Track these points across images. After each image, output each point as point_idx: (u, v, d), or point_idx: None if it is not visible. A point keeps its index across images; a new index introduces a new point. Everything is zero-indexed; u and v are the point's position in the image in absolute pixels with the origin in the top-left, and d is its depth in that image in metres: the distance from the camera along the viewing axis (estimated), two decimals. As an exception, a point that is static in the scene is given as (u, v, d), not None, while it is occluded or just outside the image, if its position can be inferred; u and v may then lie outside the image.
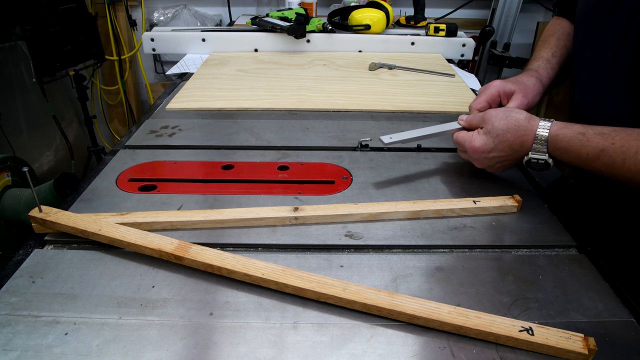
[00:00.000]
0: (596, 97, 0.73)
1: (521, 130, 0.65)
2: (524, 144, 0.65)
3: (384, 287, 0.53)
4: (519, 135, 0.65)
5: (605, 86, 0.71)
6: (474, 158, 0.71)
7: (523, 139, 0.65)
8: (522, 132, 0.65)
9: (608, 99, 0.71)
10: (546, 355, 0.45)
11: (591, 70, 0.74)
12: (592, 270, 0.57)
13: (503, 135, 0.66)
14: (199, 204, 0.67)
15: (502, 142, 0.66)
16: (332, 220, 0.64)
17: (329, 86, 1.15)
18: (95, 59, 2.07)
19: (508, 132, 0.65)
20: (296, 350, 0.45)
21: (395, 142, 0.73)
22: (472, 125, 0.72)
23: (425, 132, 0.75)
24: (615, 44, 0.68)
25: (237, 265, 0.52)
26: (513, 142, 0.65)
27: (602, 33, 0.71)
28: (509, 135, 0.65)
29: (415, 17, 1.69)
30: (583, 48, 0.76)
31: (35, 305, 0.50)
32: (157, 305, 0.50)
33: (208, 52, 1.42)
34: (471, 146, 0.69)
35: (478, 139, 0.69)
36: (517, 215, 0.67)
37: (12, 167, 1.40)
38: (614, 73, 0.69)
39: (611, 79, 0.70)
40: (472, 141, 0.69)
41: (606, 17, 0.69)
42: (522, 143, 0.65)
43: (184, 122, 0.95)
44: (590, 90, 0.74)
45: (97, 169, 0.77)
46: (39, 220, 0.59)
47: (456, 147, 0.75)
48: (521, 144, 0.65)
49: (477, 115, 0.71)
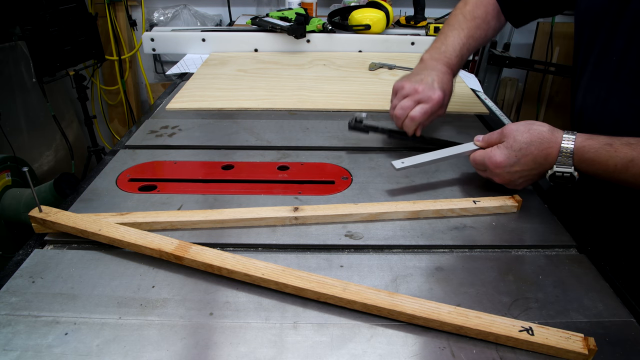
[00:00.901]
0: (600, 101, 0.72)
1: (545, 142, 0.63)
2: (549, 156, 0.63)
3: (384, 287, 0.53)
4: (544, 148, 0.62)
5: (610, 90, 0.70)
6: (495, 173, 0.68)
7: (547, 152, 0.62)
8: (546, 145, 0.62)
9: (613, 103, 0.70)
10: (546, 355, 0.45)
11: (596, 73, 0.73)
12: (592, 270, 0.57)
13: (527, 149, 0.63)
14: (199, 204, 0.67)
15: (525, 155, 0.64)
16: (332, 220, 0.64)
17: (329, 86, 1.15)
18: (95, 59, 2.07)
19: (532, 145, 0.63)
20: (296, 350, 0.45)
21: (408, 167, 0.71)
22: (491, 143, 0.69)
23: (440, 155, 0.73)
24: (622, 48, 0.67)
25: (237, 265, 0.52)
26: (537, 155, 0.63)
27: (608, 37, 0.70)
28: (532, 148, 0.63)
29: (415, 17, 1.69)
30: (587, 51, 0.74)
31: (35, 305, 0.50)
32: (157, 305, 0.50)
33: (208, 52, 1.42)
34: (492, 161, 0.66)
35: (499, 153, 0.66)
36: (517, 215, 0.66)
37: (12, 167, 1.40)
38: (620, 77, 0.68)
39: (616, 83, 0.69)
40: (492, 156, 0.66)
41: (612, 20, 0.68)
42: (546, 156, 0.63)
43: (184, 122, 0.95)
44: (594, 93, 0.73)
45: (97, 169, 0.77)
46: (39, 220, 0.59)
47: (474, 167, 0.72)
48: (545, 157, 0.63)
49: (494, 132, 0.69)
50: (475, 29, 0.89)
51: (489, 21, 0.89)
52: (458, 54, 0.86)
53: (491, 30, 0.91)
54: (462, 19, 0.89)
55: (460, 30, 0.88)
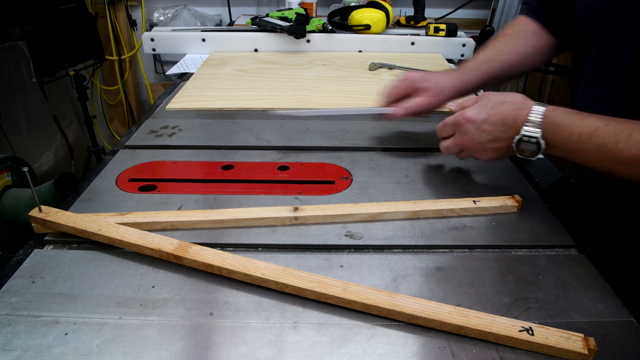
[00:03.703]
0: (597, 100, 0.72)
1: (517, 104, 0.63)
2: (518, 117, 0.62)
3: (384, 287, 0.53)
4: (515, 109, 0.63)
5: (605, 89, 0.71)
6: (465, 131, 0.67)
7: (518, 112, 0.62)
8: (517, 106, 0.63)
9: (608, 102, 0.70)
10: (546, 355, 0.45)
11: (593, 72, 0.73)
12: (592, 270, 0.57)
13: (498, 107, 0.64)
14: (199, 204, 0.67)
15: (496, 113, 0.64)
16: (332, 220, 0.64)
17: (329, 86, 1.15)
18: (95, 59, 2.07)
19: (504, 105, 0.64)
20: (296, 350, 0.45)
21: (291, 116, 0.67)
22: (465, 106, 0.69)
23: (347, 111, 0.69)
24: (616, 46, 0.67)
25: (237, 265, 0.52)
26: (507, 115, 0.63)
27: (605, 35, 0.70)
28: (504, 107, 0.63)
29: (415, 17, 1.69)
30: (585, 50, 0.75)
31: (35, 305, 0.50)
32: (157, 305, 0.50)
33: (208, 52, 1.42)
34: (463, 116, 0.66)
35: (471, 109, 0.66)
36: (517, 215, 0.67)
37: (12, 167, 1.40)
38: (614, 76, 0.68)
39: (611, 83, 0.69)
40: (464, 112, 0.66)
41: (608, 19, 0.68)
42: (515, 117, 0.62)
43: (184, 122, 0.95)
44: (591, 92, 0.73)
45: (97, 169, 0.77)
46: (39, 220, 0.59)
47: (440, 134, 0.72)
48: (515, 118, 0.62)
49: (470, 98, 0.70)
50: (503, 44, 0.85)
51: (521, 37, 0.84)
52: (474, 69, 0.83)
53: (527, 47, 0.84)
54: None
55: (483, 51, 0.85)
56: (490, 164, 0.68)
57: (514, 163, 0.81)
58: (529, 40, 0.84)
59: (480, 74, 0.83)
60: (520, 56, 0.84)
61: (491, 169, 0.79)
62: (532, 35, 0.84)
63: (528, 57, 0.84)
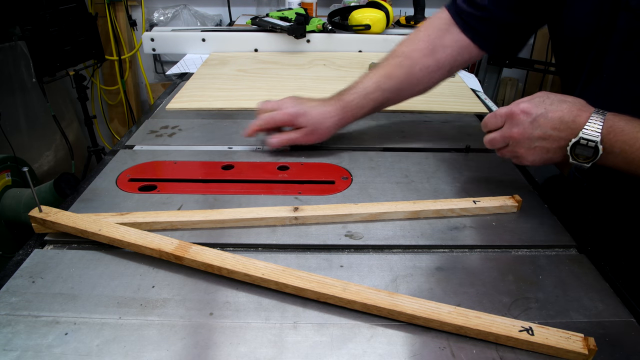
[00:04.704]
0: None
1: (579, 104, 0.59)
2: (578, 118, 0.58)
3: (384, 287, 0.53)
4: (576, 109, 0.58)
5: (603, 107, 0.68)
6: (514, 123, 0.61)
7: (578, 113, 0.58)
8: (579, 107, 0.59)
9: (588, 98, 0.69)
10: (546, 355, 0.45)
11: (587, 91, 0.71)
12: (592, 270, 0.57)
13: (558, 105, 0.59)
14: (199, 204, 0.67)
15: (555, 110, 0.59)
16: (332, 220, 0.64)
17: (329, 86, 1.14)
18: (95, 59, 2.07)
19: (564, 103, 0.59)
20: (296, 350, 0.45)
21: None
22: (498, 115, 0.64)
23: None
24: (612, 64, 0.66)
25: (237, 265, 0.52)
26: (567, 113, 0.58)
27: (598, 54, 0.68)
28: (564, 106, 0.59)
29: (415, 17, 1.69)
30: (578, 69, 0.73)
31: (35, 305, 0.50)
32: (157, 305, 0.50)
33: (208, 52, 1.42)
34: (519, 106, 0.61)
35: (528, 101, 0.61)
36: (517, 215, 0.67)
37: (12, 167, 1.40)
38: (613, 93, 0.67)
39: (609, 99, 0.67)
40: (519, 102, 0.61)
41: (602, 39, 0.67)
42: (575, 117, 0.58)
43: (184, 122, 0.95)
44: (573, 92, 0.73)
45: (97, 169, 0.77)
46: (39, 220, 0.59)
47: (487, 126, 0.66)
48: (575, 118, 0.58)
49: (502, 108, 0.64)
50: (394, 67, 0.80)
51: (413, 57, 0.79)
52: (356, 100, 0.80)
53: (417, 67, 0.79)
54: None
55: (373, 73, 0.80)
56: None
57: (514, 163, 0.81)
58: (428, 58, 0.80)
59: (363, 107, 0.80)
60: (411, 80, 0.81)
61: (491, 169, 0.79)
62: (428, 56, 0.80)
63: (422, 79, 0.81)
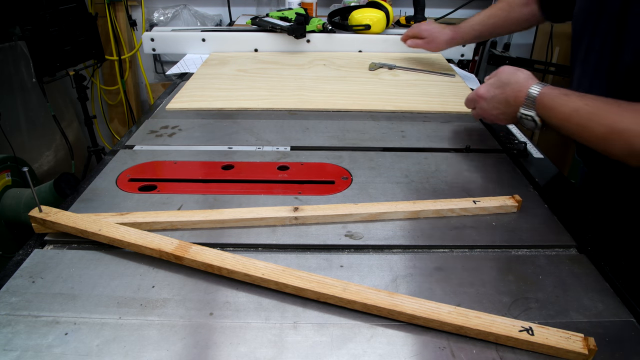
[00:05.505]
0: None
1: (517, 86, 0.73)
2: (517, 99, 0.73)
3: (384, 287, 0.53)
4: (515, 90, 0.73)
5: (591, 85, 0.77)
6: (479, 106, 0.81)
7: (517, 94, 0.73)
8: (517, 88, 0.73)
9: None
10: (546, 355, 0.45)
11: (582, 68, 0.79)
12: (592, 270, 0.57)
13: (502, 88, 0.76)
14: (199, 204, 0.67)
15: (500, 93, 0.76)
16: (332, 220, 0.64)
17: (328, 86, 1.15)
18: (95, 59, 2.07)
19: (507, 86, 0.75)
20: (296, 350, 0.45)
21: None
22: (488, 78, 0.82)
23: None
24: (599, 45, 0.74)
25: (237, 265, 0.52)
26: (509, 96, 0.74)
27: (591, 35, 0.76)
28: (507, 89, 0.75)
29: (415, 17, 1.69)
30: (577, 47, 0.81)
31: (35, 305, 0.50)
32: (157, 305, 0.50)
33: (208, 52, 1.42)
34: (477, 93, 0.81)
35: (483, 87, 0.80)
36: (517, 215, 0.66)
37: (12, 167, 1.40)
38: (599, 73, 0.75)
39: (595, 80, 0.75)
40: (478, 89, 0.81)
41: (594, 19, 0.74)
42: (515, 98, 0.73)
43: (184, 122, 0.95)
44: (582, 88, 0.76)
45: (97, 169, 0.77)
46: (39, 220, 0.59)
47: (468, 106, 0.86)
48: (515, 99, 0.73)
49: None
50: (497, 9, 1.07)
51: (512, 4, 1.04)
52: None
53: (514, 13, 1.04)
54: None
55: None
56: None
57: (514, 163, 0.81)
58: (521, 10, 1.04)
59: (471, 33, 1.13)
60: (508, 22, 1.07)
61: (491, 169, 0.79)
62: (523, 6, 1.03)
63: (514, 23, 1.06)
